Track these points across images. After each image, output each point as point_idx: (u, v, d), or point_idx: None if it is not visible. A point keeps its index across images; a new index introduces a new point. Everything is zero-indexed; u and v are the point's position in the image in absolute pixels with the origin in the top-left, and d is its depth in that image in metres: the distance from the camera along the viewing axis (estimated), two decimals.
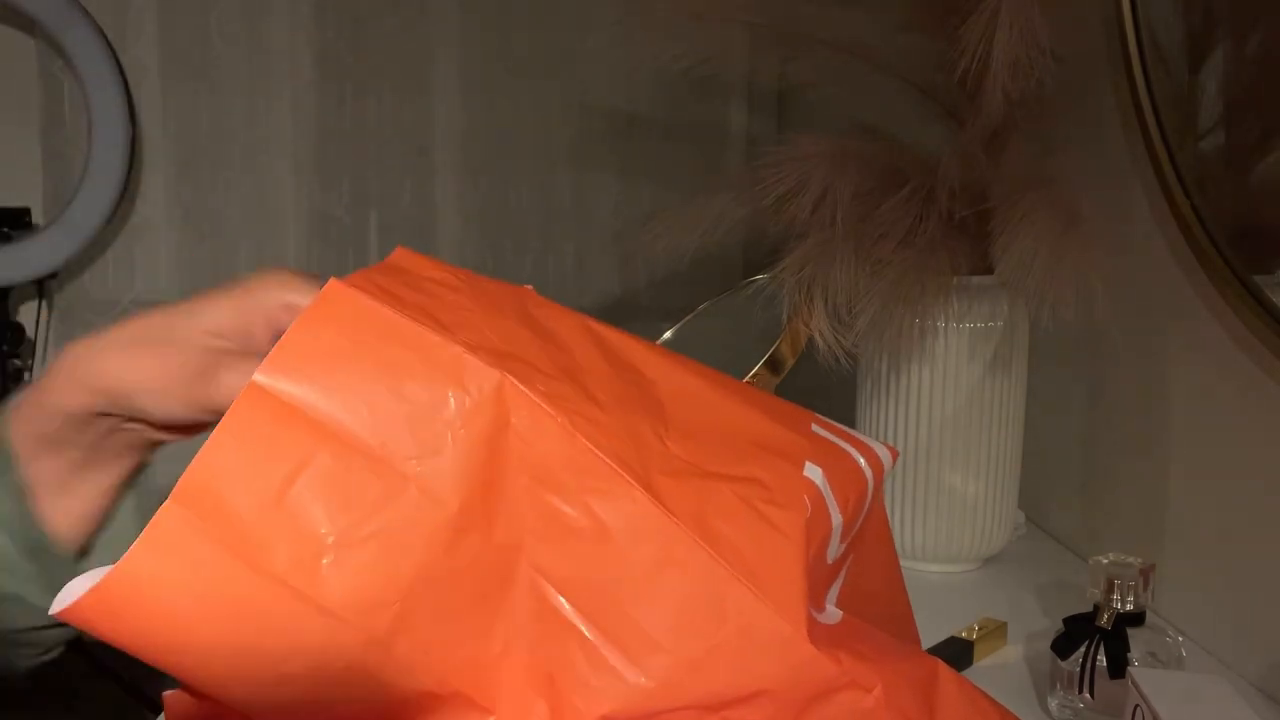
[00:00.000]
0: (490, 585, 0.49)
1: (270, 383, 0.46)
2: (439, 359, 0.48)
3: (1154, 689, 0.59)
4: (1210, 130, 0.86)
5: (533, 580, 0.49)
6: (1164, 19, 0.88)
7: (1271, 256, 0.79)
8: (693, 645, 0.48)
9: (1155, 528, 0.91)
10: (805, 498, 0.53)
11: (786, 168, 0.89)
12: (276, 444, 0.45)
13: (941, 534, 0.97)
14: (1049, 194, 0.86)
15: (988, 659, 0.81)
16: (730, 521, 0.50)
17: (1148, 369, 0.92)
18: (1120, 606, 0.71)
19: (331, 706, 0.47)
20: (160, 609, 0.44)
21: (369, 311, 0.48)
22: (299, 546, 0.45)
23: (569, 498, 0.49)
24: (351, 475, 0.46)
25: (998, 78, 0.84)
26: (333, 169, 1.93)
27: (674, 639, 0.48)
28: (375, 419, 0.46)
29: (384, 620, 0.45)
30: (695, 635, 0.49)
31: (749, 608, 0.48)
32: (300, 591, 0.44)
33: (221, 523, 0.44)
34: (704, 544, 0.48)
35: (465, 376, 0.48)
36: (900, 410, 0.96)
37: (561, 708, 0.48)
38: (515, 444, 0.48)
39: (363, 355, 0.47)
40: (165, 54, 1.86)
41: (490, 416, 0.48)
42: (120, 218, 1.86)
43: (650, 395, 0.55)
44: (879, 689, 0.50)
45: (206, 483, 0.44)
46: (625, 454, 0.49)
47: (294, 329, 0.47)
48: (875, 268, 0.87)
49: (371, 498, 0.46)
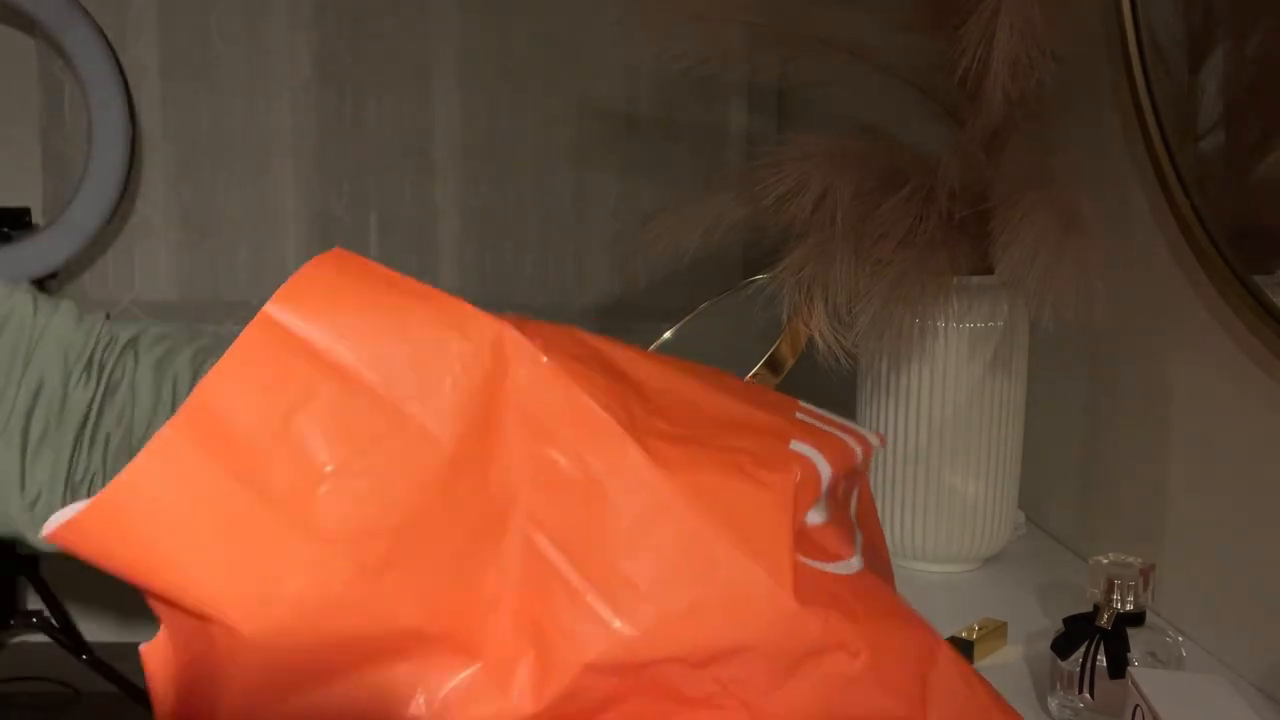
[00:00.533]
0: (482, 530, 0.50)
1: (280, 315, 0.47)
2: (443, 305, 0.49)
3: (1154, 689, 0.59)
4: (1210, 130, 0.86)
5: (524, 529, 0.50)
6: (1164, 19, 0.88)
7: (1272, 256, 0.79)
8: (678, 596, 0.49)
9: (1155, 528, 0.91)
10: (795, 465, 0.54)
11: (786, 168, 0.89)
12: (283, 373, 0.47)
13: (941, 534, 0.97)
14: (1049, 194, 0.86)
15: (988, 659, 0.81)
16: (720, 479, 0.51)
17: (1148, 369, 0.92)
18: (1120, 606, 0.71)
19: (319, 634, 0.47)
20: (155, 524, 0.45)
21: (376, 263, 0.50)
22: (298, 473, 0.46)
23: (564, 448, 0.50)
24: (354, 410, 0.47)
25: (998, 78, 0.84)
26: (333, 169, 1.93)
27: (660, 590, 0.49)
28: (379, 358, 0.48)
29: (375, 551, 0.47)
30: (681, 587, 0.49)
31: (735, 562, 0.49)
32: (296, 515, 0.46)
33: (223, 443, 0.45)
34: (694, 498, 0.50)
35: (468, 324, 0.49)
36: (900, 410, 0.96)
37: (548, 655, 0.49)
38: (513, 393, 0.50)
39: (370, 296, 0.49)
40: (165, 54, 1.86)
41: (489, 365, 0.49)
42: (120, 218, 1.86)
43: (637, 388, 0.56)
44: (865, 655, 0.51)
45: (211, 404, 0.46)
46: (619, 413, 0.51)
47: (306, 268, 0.49)
48: (875, 268, 0.87)
49: (371, 433, 0.47)
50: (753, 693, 0.51)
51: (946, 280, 0.89)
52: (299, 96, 1.89)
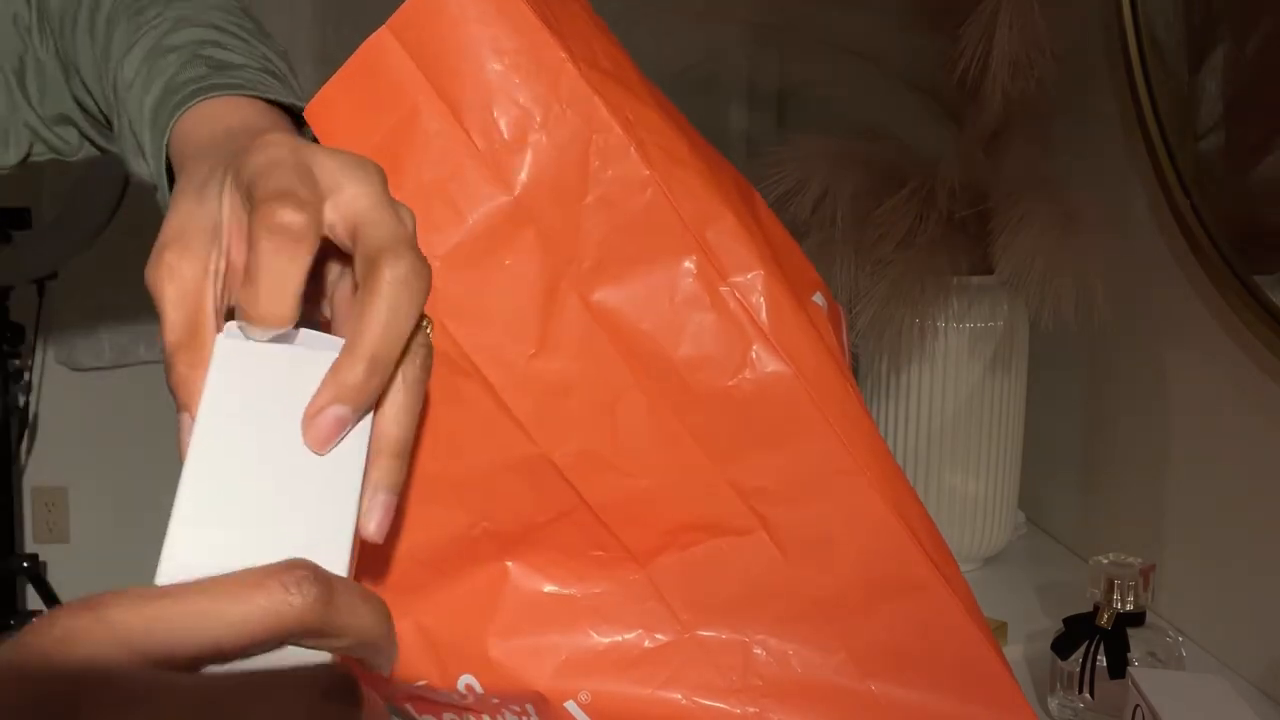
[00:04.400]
0: (535, 288, 0.50)
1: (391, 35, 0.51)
2: (544, 59, 0.49)
3: (1154, 689, 0.59)
4: (1210, 130, 0.86)
5: (576, 299, 0.50)
6: (1164, 19, 0.88)
7: (1271, 256, 0.79)
8: (716, 378, 0.50)
9: (1155, 528, 0.91)
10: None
11: (786, 168, 0.89)
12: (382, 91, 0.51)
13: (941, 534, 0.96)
14: (1049, 194, 0.86)
15: None
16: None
17: (1148, 369, 0.92)
18: (1120, 606, 0.71)
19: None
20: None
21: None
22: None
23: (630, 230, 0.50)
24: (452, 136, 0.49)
25: (998, 78, 0.84)
26: None
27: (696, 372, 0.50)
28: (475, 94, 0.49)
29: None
30: (721, 370, 0.50)
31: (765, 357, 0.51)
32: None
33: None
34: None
35: (561, 83, 0.49)
36: (900, 410, 0.96)
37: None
38: (593, 161, 0.50)
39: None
40: None
41: (574, 128, 0.49)
42: (120, 218, 1.86)
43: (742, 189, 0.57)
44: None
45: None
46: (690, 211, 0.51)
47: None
48: (875, 268, 0.87)
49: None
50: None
51: (946, 280, 0.89)
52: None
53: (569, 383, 0.50)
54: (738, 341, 0.50)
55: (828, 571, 0.51)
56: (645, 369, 0.50)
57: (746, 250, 0.51)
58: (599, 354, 0.50)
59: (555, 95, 0.49)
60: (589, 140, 0.49)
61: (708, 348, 0.50)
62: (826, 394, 0.51)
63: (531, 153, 0.49)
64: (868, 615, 0.51)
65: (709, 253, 0.50)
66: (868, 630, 0.52)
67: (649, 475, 0.51)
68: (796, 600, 0.51)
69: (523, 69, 0.49)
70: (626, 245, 0.50)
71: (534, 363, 0.50)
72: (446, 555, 0.52)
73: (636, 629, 0.52)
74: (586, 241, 0.50)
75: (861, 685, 0.52)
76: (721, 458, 0.50)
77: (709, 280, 0.50)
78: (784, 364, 0.50)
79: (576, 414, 0.50)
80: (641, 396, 0.50)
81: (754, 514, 0.51)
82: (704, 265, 0.50)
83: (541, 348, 0.50)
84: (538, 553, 0.53)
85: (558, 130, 0.49)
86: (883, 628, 0.52)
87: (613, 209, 0.50)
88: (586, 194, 0.50)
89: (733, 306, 0.50)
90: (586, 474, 0.50)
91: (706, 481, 0.51)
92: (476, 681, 0.53)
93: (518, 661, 0.52)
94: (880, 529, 0.51)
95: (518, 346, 0.50)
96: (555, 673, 0.52)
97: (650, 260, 0.50)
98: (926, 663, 0.52)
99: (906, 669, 0.52)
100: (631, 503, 0.51)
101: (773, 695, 0.52)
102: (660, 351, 0.50)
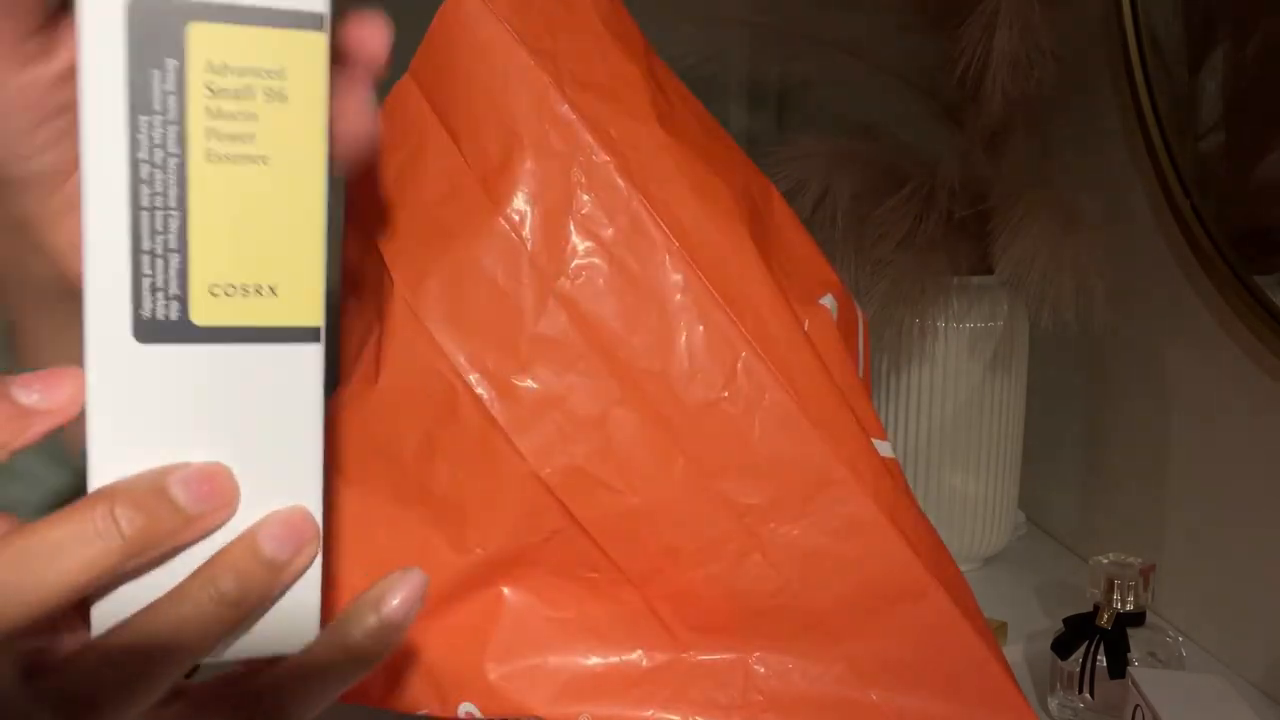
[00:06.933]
0: (524, 302, 0.51)
1: (413, 80, 0.53)
2: (530, 82, 0.51)
3: (1154, 689, 0.59)
4: (1210, 130, 0.86)
5: (564, 313, 0.51)
6: (1164, 19, 0.88)
7: (1272, 256, 0.79)
8: (705, 391, 0.51)
9: (1155, 528, 0.91)
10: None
11: (786, 168, 0.89)
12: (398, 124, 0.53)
13: (941, 534, 0.96)
14: (1049, 194, 0.86)
15: None
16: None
17: (1148, 369, 0.92)
18: (1120, 606, 0.71)
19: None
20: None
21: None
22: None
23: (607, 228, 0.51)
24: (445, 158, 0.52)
25: (998, 78, 0.84)
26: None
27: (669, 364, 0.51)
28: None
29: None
30: (710, 384, 0.51)
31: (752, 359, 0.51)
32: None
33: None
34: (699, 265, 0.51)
35: (545, 106, 0.51)
36: (900, 410, 0.96)
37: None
38: (577, 179, 0.51)
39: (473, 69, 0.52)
40: None
41: (558, 149, 0.51)
42: None
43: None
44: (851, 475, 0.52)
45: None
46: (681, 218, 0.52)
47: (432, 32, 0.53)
48: (875, 268, 0.87)
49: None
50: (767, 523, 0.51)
51: (946, 280, 0.89)
52: None
53: (556, 397, 0.50)
54: (726, 353, 0.50)
55: (825, 585, 0.51)
56: (634, 383, 0.50)
57: (736, 261, 0.52)
58: (587, 368, 0.50)
59: (540, 117, 0.50)
60: (572, 160, 0.50)
61: (697, 360, 0.50)
62: (817, 403, 0.51)
63: (519, 173, 0.50)
64: (867, 625, 0.52)
65: (695, 265, 0.50)
66: (867, 640, 0.52)
67: (639, 492, 0.50)
68: (794, 614, 0.52)
69: (510, 92, 0.50)
70: (612, 260, 0.50)
71: (521, 376, 0.50)
72: (442, 582, 0.52)
73: (635, 649, 0.53)
74: (573, 256, 0.50)
75: (863, 695, 0.52)
76: (713, 473, 0.50)
77: (696, 293, 0.50)
78: (771, 375, 0.50)
79: (564, 429, 0.50)
80: (630, 412, 0.50)
81: (747, 531, 0.51)
82: (691, 278, 0.50)
83: (529, 361, 0.50)
84: (533, 576, 0.53)
85: (542, 151, 0.50)
86: (882, 637, 0.52)
87: (597, 226, 0.50)
88: (572, 212, 0.50)
89: (719, 318, 0.50)
90: (575, 491, 0.50)
91: (698, 498, 0.51)
92: (477, 709, 0.53)
93: (517, 686, 0.52)
94: (876, 538, 0.51)
95: (505, 360, 0.50)
96: (555, 696, 0.52)
97: (636, 274, 0.50)
98: (927, 669, 0.52)
99: (907, 676, 0.52)
100: (623, 519, 0.51)
101: (774, 710, 0.52)
102: (649, 365, 0.50)
